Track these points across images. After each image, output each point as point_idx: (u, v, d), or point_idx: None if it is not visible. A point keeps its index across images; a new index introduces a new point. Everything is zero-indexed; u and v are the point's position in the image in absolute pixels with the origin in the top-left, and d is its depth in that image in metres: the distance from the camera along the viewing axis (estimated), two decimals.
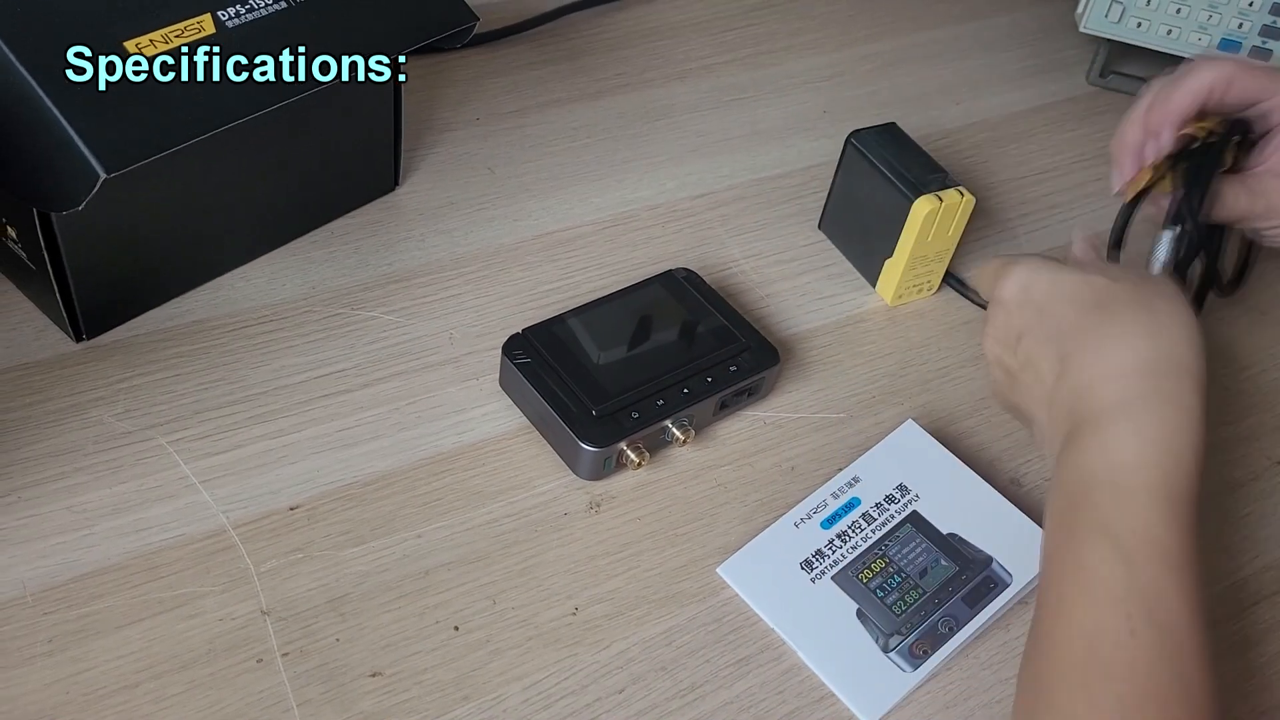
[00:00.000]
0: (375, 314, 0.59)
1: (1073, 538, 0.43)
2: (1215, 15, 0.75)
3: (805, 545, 0.51)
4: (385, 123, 0.63)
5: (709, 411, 0.55)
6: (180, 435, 0.52)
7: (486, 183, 0.67)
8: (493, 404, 0.56)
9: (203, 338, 0.57)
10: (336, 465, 0.52)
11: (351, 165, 0.62)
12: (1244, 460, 0.59)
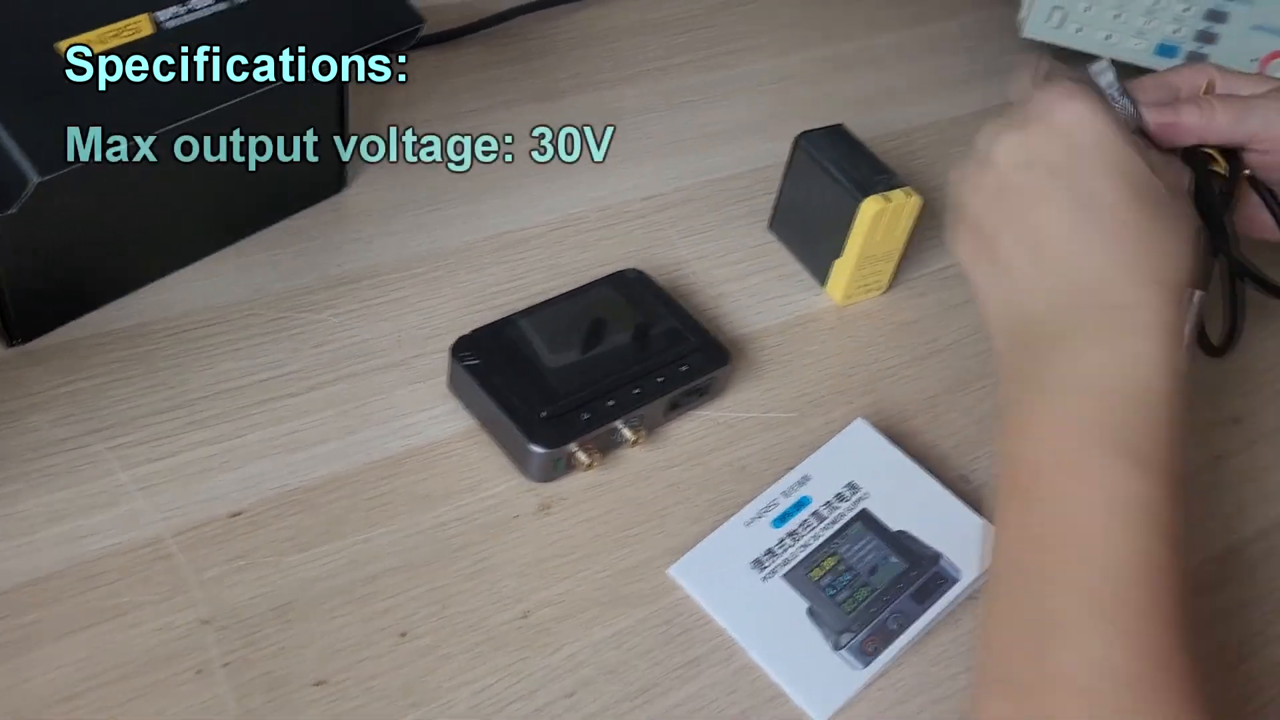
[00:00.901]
0: (322, 316, 0.58)
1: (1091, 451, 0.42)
2: (1152, 20, 0.77)
3: (756, 544, 0.51)
4: (331, 124, 0.62)
5: (660, 412, 0.55)
6: (119, 441, 0.51)
7: (434, 185, 0.66)
8: (441, 406, 0.55)
9: (143, 341, 0.55)
10: (281, 470, 0.52)
11: (297, 166, 0.61)
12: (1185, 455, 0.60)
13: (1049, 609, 0.40)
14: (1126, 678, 0.38)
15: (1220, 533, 0.57)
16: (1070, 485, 0.42)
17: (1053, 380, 0.45)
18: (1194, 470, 0.59)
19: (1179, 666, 0.38)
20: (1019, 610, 0.42)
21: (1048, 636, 0.40)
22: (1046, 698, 0.39)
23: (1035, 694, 0.39)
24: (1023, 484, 0.44)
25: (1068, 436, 0.43)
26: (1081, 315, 0.45)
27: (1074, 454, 0.43)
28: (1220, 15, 0.75)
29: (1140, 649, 0.38)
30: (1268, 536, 0.57)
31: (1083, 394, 0.44)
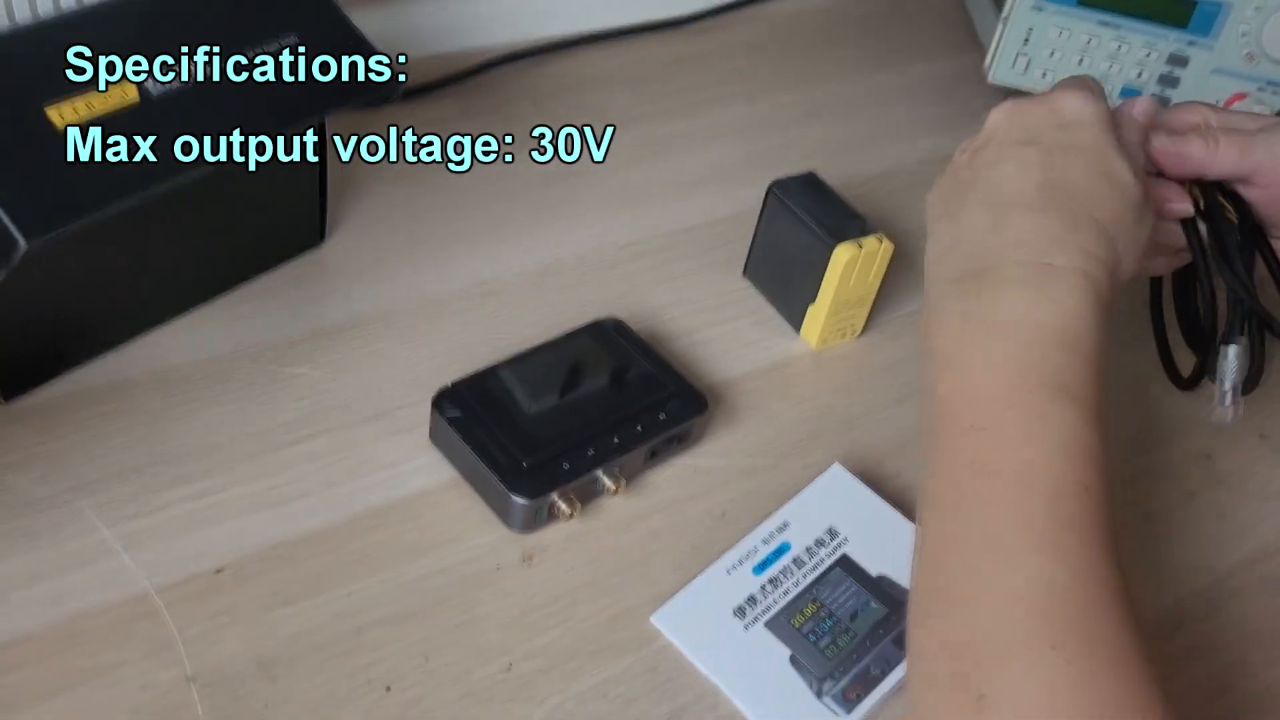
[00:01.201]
0: (303, 370, 0.59)
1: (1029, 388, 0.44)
2: (1115, 65, 0.78)
3: (738, 592, 0.52)
4: (310, 179, 0.62)
5: (639, 460, 0.56)
6: (101, 498, 0.51)
7: (414, 236, 0.67)
8: (423, 458, 0.56)
9: (124, 398, 0.56)
10: (264, 525, 0.52)
11: (277, 221, 0.62)
12: (1159, 492, 0.61)
13: (988, 530, 0.42)
14: (1062, 589, 0.39)
15: (1194, 569, 0.58)
16: (1010, 416, 0.44)
17: (989, 323, 0.47)
18: (1166, 507, 0.60)
19: (1111, 581, 0.40)
20: (957, 532, 0.43)
21: (985, 554, 0.41)
22: (983, 608, 0.40)
23: (971, 605, 0.40)
24: (961, 418, 0.45)
25: (1006, 373, 0.45)
26: (1024, 270, 0.48)
27: (1012, 390, 0.45)
28: (1181, 59, 0.77)
29: (1075, 565, 0.40)
30: (1241, 572, 0.58)
31: (1018, 336, 0.46)
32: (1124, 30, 0.77)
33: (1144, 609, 0.55)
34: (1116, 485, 0.59)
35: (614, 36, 0.85)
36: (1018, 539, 0.41)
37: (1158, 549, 0.58)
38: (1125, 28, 0.77)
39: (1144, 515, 0.60)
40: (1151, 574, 0.57)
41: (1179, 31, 0.77)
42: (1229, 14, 0.76)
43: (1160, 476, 0.62)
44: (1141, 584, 0.56)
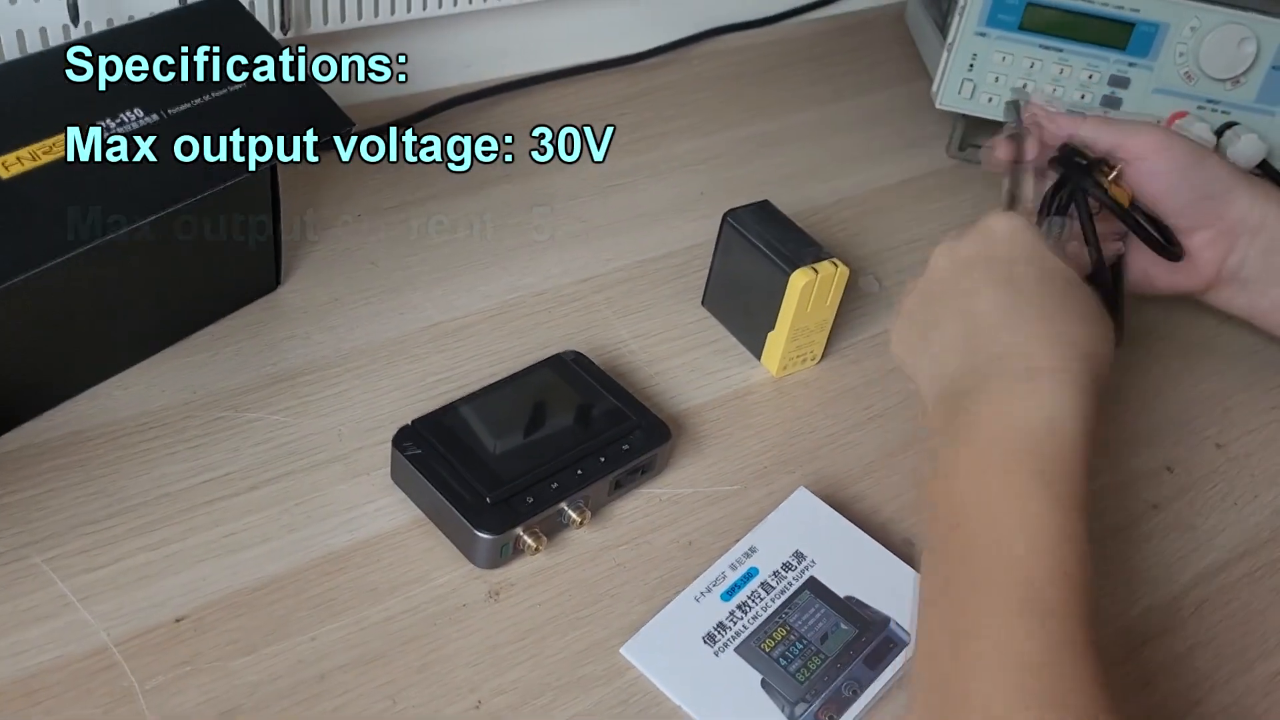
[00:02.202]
0: (260, 415, 0.58)
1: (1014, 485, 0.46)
2: (1059, 88, 0.80)
3: (707, 619, 0.51)
4: (264, 223, 0.62)
5: (604, 492, 0.55)
6: (56, 552, 0.50)
7: (370, 277, 0.67)
8: (385, 498, 0.55)
9: (78, 449, 0.55)
10: (224, 572, 0.51)
11: (231, 266, 0.62)
12: (1123, 506, 0.61)
13: (970, 614, 0.44)
14: (1035, 664, 0.41)
15: (1161, 580, 0.58)
16: (996, 512, 0.46)
17: (978, 426, 0.49)
18: (1131, 520, 0.61)
19: (1087, 658, 0.41)
20: (944, 619, 0.45)
21: (967, 635, 0.43)
22: (963, 683, 0.42)
23: (952, 680, 0.42)
24: (950, 516, 0.47)
25: (992, 471, 0.47)
26: (1006, 374, 0.50)
27: (998, 487, 0.47)
28: (1123, 80, 0.79)
29: (1050, 641, 0.42)
30: (1207, 581, 0.58)
31: (1005, 435, 0.48)
32: (1066, 54, 0.79)
33: (1112, 622, 0.55)
34: None
35: (567, 75, 0.86)
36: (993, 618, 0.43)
37: (1125, 561, 0.58)
38: (1067, 51, 0.79)
39: (1110, 528, 0.60)
40: (1119, 586, 0.57)
41: (1119, 54, 0.78)
42: (1166, 35, 0.77)
43: (1123, 489, 0.62)
44: (1110, 596, 0.56)
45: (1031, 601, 0.43)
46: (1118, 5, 0.77)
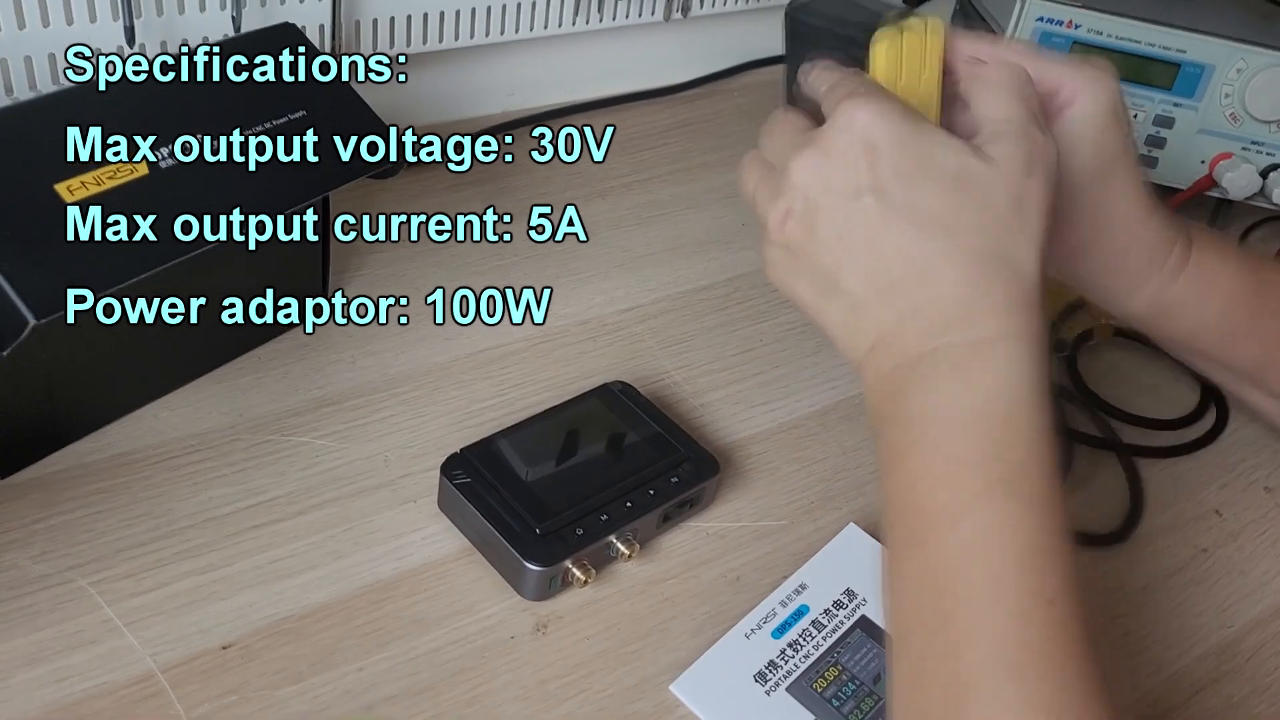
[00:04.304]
0: (306, 439, 0.58)
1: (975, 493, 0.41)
2: None
3: (757, 657, 0.51)
4: (312, 248, 0.62)
5: (652, 524, 0.55)
6: (102, 575, 0.50)
7: (415, 303, 0.67)
8: (432, 527, 0.55)
9: (125, 471, 0.55)
10: (271, 599, 0.50)
11: (279, 290, 0.61)
12: (1171, 550, 0.61)
13: (959, 667, 0.39)
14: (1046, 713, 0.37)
15: (1213, 627, 0.57)
16: (962, 531, 0.41)
17: (923, 417, 0.43)
18: (1180, 565, 0.60)
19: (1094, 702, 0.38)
20: (929, 669, 0.40)
21: (961, 698, 0.39)
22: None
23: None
24: (914, 532, 0.42)
25: (948, 479, 0.42)
26: (941, 347, 0.44)
27: (959, 498, 0.41)
28: (1168, 120, 0.79)
29: (1051, 704, 0.37)
30: (1261, 628, 0.57)
31: (955, 430, 0.42)
32: None
33: (1165, 668, 0.54)
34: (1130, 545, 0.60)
35: (607, 105, 0.86)
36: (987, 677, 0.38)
37: (1175, 606, 0.58)
38: None
39: (1159, 573, 0.59)
40: (1171, 632, 0.56)
41: (1165, 94, 0.78)
42: (1212, 77, 0.77)
43: (1170, 532, 0.62)
44: (1161, 642, 0.56)
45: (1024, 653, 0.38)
46: (1164, 46, 0.77)
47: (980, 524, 0.41)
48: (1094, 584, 0.58)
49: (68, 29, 0.62)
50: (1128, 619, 0.56)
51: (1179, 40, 0.77)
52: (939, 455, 0.42)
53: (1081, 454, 0.65)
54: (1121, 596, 0.57)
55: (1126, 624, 0.56)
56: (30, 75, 0.62)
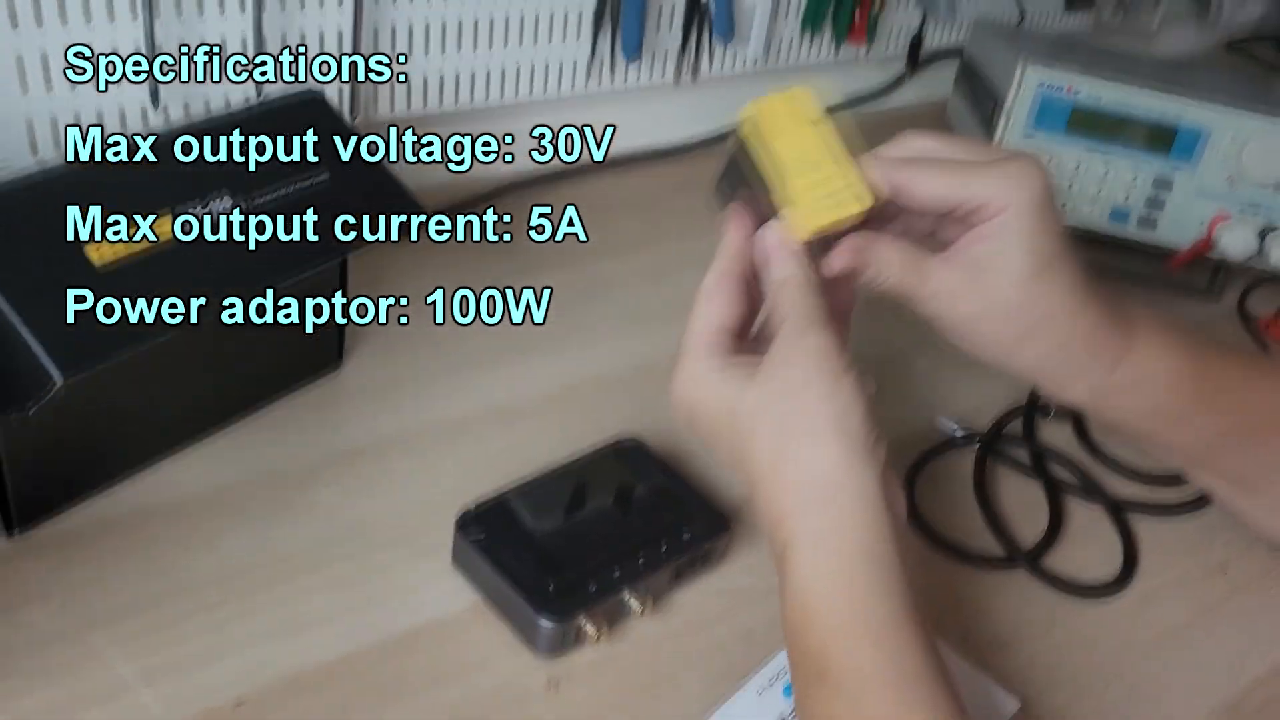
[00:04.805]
0: (322, 495, 0.58)
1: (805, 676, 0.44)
2: (1104, 189, 0.81)
3: (770, 714, 0.51)
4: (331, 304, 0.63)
5: (665, 581, 0.55)
6: (118, 632, 0.50)
7: (431, 358, 0.68)
8: (446, 582, 0.55)
9: (142, 526, 0.55)
10: (285, 654, 0.51)
11: (296, 346, 0.62)
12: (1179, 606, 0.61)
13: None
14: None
15: (1221, 683, 0.57)
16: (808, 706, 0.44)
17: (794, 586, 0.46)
18: (1186, 621, 0.60)
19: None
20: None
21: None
22: None
23: None
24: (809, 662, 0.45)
25: (831, 633, 0.44)
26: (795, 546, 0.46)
27: (796, 682, 0.45)
28: (1166, 183, 0.80)
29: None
30: (1268, 684, 0.57)
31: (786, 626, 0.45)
32: (1111, 156, 0.80)
33: None
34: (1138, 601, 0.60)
35: (621, 164, 0.88)
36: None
37: (1183, 661, 0.58)
38: (1112, 154, 0.80)
39: (1166, 628, 0.59)
40: (1180, 687, 0.56)
41: (1163, 157, 0.80)
42: (1209, 140, 0.79)
43: (1178, 587, 0.62)
44: (1170, 698, 0.56)
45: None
46: (1162, 111, 0.79)
47: (810, 710, 0.44)
48: (1099, 639, 0.58)
49: (95, 95, 0.63)
50: (1134, 675, 0.56)
51: (1176, 105, 0.78)
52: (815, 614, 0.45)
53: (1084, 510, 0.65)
54: (1127, 652, 0.57)
55: (1133, 679, 0.56)
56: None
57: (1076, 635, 0.58)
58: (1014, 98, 0.80)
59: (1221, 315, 0.87)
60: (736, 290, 0.52)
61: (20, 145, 0.64)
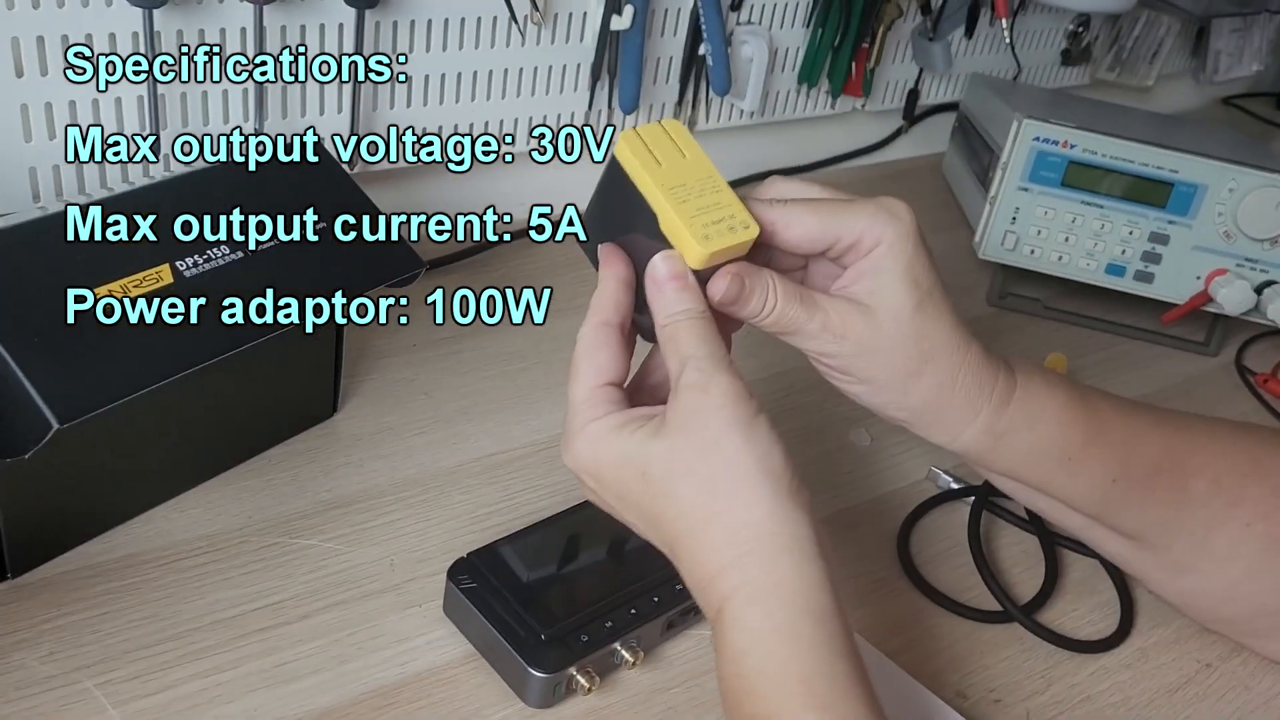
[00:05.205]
0: (313, 542, 0.58)
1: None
2: (1100, 243, 0.82)
3: None
4: (326, 354, 0.64)
5: (657, 632, 0.55)
6: (109, 677, 0.50)
7: (424, 407, 0.68)
8: (436, 631, 0.55)
9: (133, 573, 0.55)
10: (274, 703, 0.50)
11: (291, 394, 0.63)
12: (1175, 664, 0.60)
13: None
14: None
15: None
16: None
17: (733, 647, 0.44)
18: (1184, 678, 0.60)
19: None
20: None
21: None
22: None
23: None
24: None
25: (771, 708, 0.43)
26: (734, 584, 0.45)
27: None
28: (1163, 238, 0.81)
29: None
30: None
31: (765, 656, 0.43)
32: (1107, 210, 0.81)
33: None
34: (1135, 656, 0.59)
35: None
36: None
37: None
38: (1108, 208, 0.81)
39: (1163, 687, 0.59)
40: None
41: (1159, 211, 0.80)
42: (1205, 195, 0.79)
43: (1174, 645, 0.61)
44: None
45: None
46: (1158, 165, 0.79)
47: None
48: (1098, 697, 0.57)
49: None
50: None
51: (1172, 160, 0.79)
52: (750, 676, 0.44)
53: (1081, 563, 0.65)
54: (1126, 710, 0.57)
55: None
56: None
57: (1074, 690, 0.58)
58: (1010, 152, 0.81)
59: (1219, 370, 0.87)
60: (617, 340, 0.49)
61: (22, 192, 0.65)
